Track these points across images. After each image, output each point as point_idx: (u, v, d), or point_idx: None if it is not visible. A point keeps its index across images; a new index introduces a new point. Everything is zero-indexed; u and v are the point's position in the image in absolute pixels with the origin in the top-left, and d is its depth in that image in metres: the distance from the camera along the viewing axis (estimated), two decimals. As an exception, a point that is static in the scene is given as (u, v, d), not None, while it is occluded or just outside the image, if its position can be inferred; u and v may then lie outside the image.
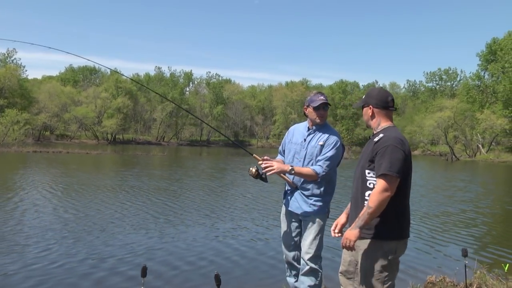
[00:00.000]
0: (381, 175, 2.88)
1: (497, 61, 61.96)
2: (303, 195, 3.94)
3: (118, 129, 73.17)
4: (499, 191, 20.94)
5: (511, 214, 13.65)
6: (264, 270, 6.50)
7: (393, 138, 2.96)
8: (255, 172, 4.01)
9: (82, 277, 5.79)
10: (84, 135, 74.66)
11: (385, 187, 2.85)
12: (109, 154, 39.34)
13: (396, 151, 2.90)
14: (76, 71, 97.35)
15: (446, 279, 5.31)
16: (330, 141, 3.89)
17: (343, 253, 3.30)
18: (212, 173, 24.06)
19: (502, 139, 62.72)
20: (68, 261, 6.45)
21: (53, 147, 42.12)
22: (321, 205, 3.91)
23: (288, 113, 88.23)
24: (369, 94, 3.23)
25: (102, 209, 10.83)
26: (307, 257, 3.84)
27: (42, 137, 66.72)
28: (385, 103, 3.14)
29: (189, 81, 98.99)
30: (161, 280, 5.81)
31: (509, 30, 63.09)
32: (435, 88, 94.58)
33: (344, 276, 3.25)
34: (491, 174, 33.24)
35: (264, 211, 11.45)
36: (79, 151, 38.90)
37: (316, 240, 3.86)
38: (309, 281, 3.86)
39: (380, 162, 2.91)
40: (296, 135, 4.14)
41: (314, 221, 3.90)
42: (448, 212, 12.64)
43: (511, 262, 7.06)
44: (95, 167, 25.12)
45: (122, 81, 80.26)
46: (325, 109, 3.97)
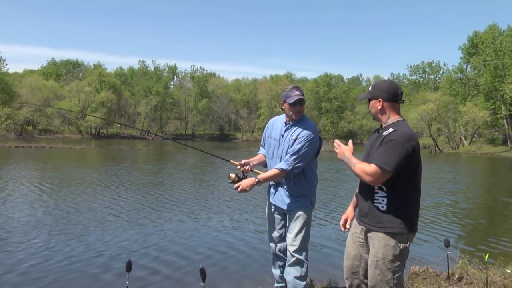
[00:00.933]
0: (377, 164, 2.91)
1: (479, 54, 62.56)
2: (285, 190, 3.94)
3: (102, 123, 72.43)
4: (481, 183, 21.25)
5: (492, 205, 13.88)
6: (249, 262, 6.53)
7: (400, 134, 2.95)
8: (235, 178, 3.98)
9: (66, 272, 5.76)
10: (68, 130, 73.79)
11: (373, 175, 2.91)
12: (93, 148, 38.99)
13: (399, 147, 2.90)
14: (58, 64, 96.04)
15: (429, 269, 5.38)
16: (302, 134, 3.83)
17: (347, 247, 3.33)
18: (197, 167, 24.00)
19: (484, 131, 63.60)
20: (52, 256, 6.41)
21: (36, 142, 41.59)
22: (304, 198, 3.91)
23: (273, 107, 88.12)
24: (378, 87, 3.19)
25: (86, 204, 10.76)
26: (293, 249, 3.86)
27: (25, 132, 65.90)
28: (395, 96, 3.13)
29: (174, 75, 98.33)
30: (146, 274, 5.80)
31: (490, 24, 63.76)
32: (418, 81, 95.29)
33: (349, 270, 3.28)
34: (474, 165, 33.70)
35: (250, 204, 11.47)
36: (62, 146, 38.47)
37: (301, 232, 3.87)
38: (295, 272, 3.88)
39: (381, 152, 2.95)
40: (274, 129, 4.11)
41: (298, 215, 3.90)
42: (431, 203, 12.79)
43: (491, 251, 7.21)
44: (79, 162, 24.88)
45: (105, 75, 79.47)
46: (302, 105, 3.91)
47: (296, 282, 3.87)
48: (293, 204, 3.91)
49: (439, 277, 5.14)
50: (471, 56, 65.40)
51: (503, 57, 57.19)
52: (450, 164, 34.30)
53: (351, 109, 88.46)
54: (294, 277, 3.87)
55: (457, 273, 5.14)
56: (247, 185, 3.83)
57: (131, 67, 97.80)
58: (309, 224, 3.97)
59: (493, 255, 6.86)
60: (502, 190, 17.96)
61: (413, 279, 5.16)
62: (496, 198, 15.43)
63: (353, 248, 3.27)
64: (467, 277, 5.03)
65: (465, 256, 6.00)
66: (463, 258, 5.84)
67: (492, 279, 4.85)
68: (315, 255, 6.64)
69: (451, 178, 21.94)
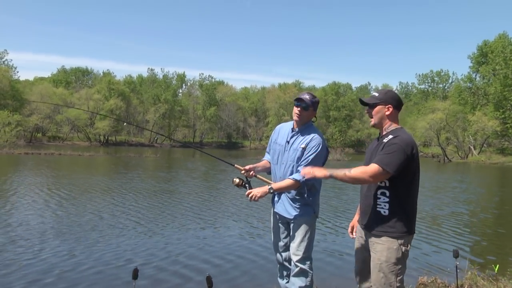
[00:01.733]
0: (377, 164, 3.00)
1: (488, 63, 62.41)
2: (288, 198, 3.92)
3: (111, 131, 72.81)
4: (491, 193, 21.06)
5: (502, 215, 13.74)
6: (256, 271, 6.50)
7: (401, 139, 3.06)
8: (238, 182, 3.99)
9: (74, 280, 5.76)
10: (77, 137, 74.13)
11: (373, 174, 3.00)
12: (102, 156, 39.15)
13: (399, 150, 3.00)
14: (68, 72, 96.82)
15: (438, 280, 5.33)
16: (312, 144, 3.80)
17: (355, 252, 3.43)
18: (205, 175, 24.02)
19: (493, 140, 63.23)
20: (61, 264, 6.42)
21: (45, 149, 41.86)
22: (306, 207, 3.88)
23: (281, 115, 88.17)
24: (388, 94, 3.28)
25: (95, 212, 10.78)
26: (296, 259, 3.83)
27: (34, 139, 66.36)
28: (401, 105, 3.29)
29: (182, 83, 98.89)
30: (153, 282, 5.79)
31: (500, 33, 63.60)
32: (427, 90, 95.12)
33: (359, 274, 3.37)
34: (483, 175, 33.44)
35: (256, 213, 11.44)
36: (71, 153, 38.67)
37: (304, 241, 3.83)
38: (299, 282, 3.84)
39: (382, 153, 3.05)
40: (280, 135, 4.08)
41: (301, 224, 3.87)
42: (440, 213, 12.69)
43: (501, 262, 7.12)
44: (88, 169, 24.99)
45: (114, 82, 79.98)
46: (297, 106, 3.88)
47: None
48: (295, 213, 3.88)
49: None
50: (481, 65, 65.22)
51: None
52: (459, 173, 34.05)
53: (360, 118, 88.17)
54: (299, 287, 3.84)
55: (466, 284, 5.08)
56: (259, 193, 3.80)
57: (140, 75, 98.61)
58: (313, 233, 3.93)
59: (503, 266, 6.77)
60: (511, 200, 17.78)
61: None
62: (506, 209, 15.28)
63: (360, 252, 3.37)
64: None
65: (475, 267, 5.93)
66: (472, 269, 5.76)
67: (502, 290, 4.79)
68: (321, 263, 6.60)
69: (461, 187, 21.76)
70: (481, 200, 16.99)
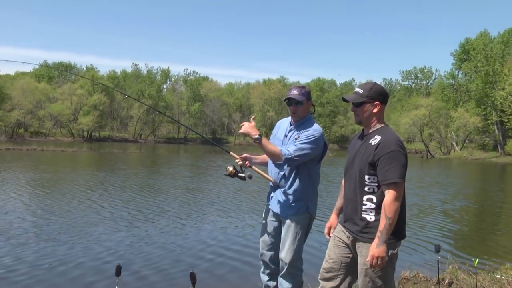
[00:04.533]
0: (391, 183, 2.82)
1: (470, 60, 63.10)
2: (282, 194, 3.81)
3: (94, 126, 72.13)
4: (472, 189, 21.37)
5: (483, 210, 13.95)
6: (240, 267, 6.51)
7: (394, 142, 2.90)
8: (232, 171, 3.89)
9: (56, 276, 5.72)
10: (60, 133, 73.27)
11: (397, 195, 2.82)
12: (85, 151, 38.80)
13: (400, 156, 2.86)
14: (50, 67, 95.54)
15: (420, 275, 5.39)
16: (306, 133, 3.71)
17: (328, 250, 3.27)
18: (189, 171, 23.95)
19: (475, 137, 64.11)
20: (43, 261, 6.37)
21: (27, 145, 41.34)
22: (300, 206, 3.76)
23: (265, 111, 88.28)
24: (374, 89, 3.05)
25: (78, 208, 10.69)
26: (286, 259, 3.74)
27: (16, 134, 65.36)
28: (387, 100, 3.10)
29: (167, 78, 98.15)
30: (136, 278, 5.77)
31: (481, 30, 64.36)
32: (410, 86, 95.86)
33: (326, 273, 3.22)
34: (465, 171, 33.89)
35: (241, 210, 11.46)
36: (54, 149, 38.21)
37: (295, 241, 3.74)
38: (286, 284, 3.78)
39: (387, 169, 2.84)
40: (280, 130, 4.02)
41: (292, 222, 3.76)
42: (422, 208, 12.84)
43: (481, 256, 7.24)
44: (71, 165, 24.72)
45: (98, 78, 79.23)
46: (290, 104, 3.81)
47: None
48: (289, 210, 3.77)
49: (429, 282, 5.14)
50: (463, 62, 65.94)
51: (494, 63, 57.74)
52: (441, 169, 34.46)
53: (344, 114, 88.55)
54: None
55: (447, 278, 5.15)
56: (248, 129, 3.66)
57: (124, 70, 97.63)
58: (304, 233, 3.82)
59: (483, 260, 6.90)
60: (493, 196, 18.07)
61: (404, 284, 5.17)
62: (486, 204, 15.52)
63: (334, 252, 3.22)
64: (457, 282, 5.05)
65: (456, 261, 6.02)
66: (453, 263, 5.85)
67: (482, 284, 4.87)
68: (312, 262, 6.64)
69: (443, 183, 22.04)
70: (463, 196, 17.22)
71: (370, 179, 2.96)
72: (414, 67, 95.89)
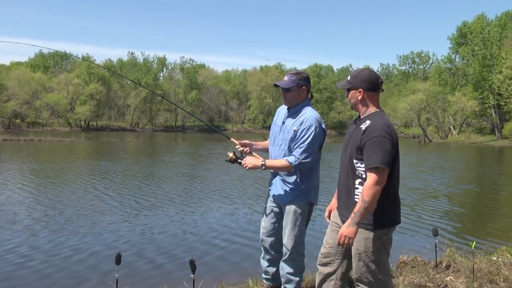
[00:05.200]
0: (372, 168, 2.82)
1: (467, 44, 62.97)
2: (282, 181, 3.83)
3: (92, 115, 71.98)
4: (470, 172, 21.44)
5: (480, 194, 14.03)
6: (239, 254, 6.54)
7: (381, 127, 2.87)
8: (232, 156, 3.89)
9: (58, 264, 5.76)
10: (57, 123, 73.04)
11: (377, 180, 2.81)
12: (83, 141, 38.72)
13: (385, 141, 2.83)
14: (46, 57, 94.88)
15: (418, 258, 5.43)
16: (304, 126, 3.67)
17: (326, 236, 3.29)
18: (191, 159, 23.96)
19: (472, 120, 64.22)
20: (42, 249, 6.40)
21: (24, 135, 41.23)
22: (299, 193, 3.77)
23: (263, 98, 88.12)
24: (359, 76, 3.05)
25: (77, 198, 10.71)
26: (287, 245, 3.78)
27: (13, 125, 65.23)
28: (376, 86, 3.04)
29: (163, 67, 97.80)
30: (136, 266, 5.80)
31: (478, 14, 64.12)
32: (408, 71, 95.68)
33: (324, 258, 3.25)
34: (462, 155, 33.99)
35: (241, 197, 11.50)
36: (51, 139, 38.16)
37: (295, 227, 3.76)
38: (288, 268, 3.82)
39: (370, 153, 2.85)
40: (279, 116, 4.00)
41: (292, 209, 3.78)
42: (420, 193, 12.90)
43: (478, 239, 7.31)
44: (71, 155, 24.71)
45: (94, 67, 78.92)
46: (284, 91, 3.80)
47: (290, 277, 3.82)
48: (287, 197, 3.80)
49: (427, 266, 5.19)
50: (460, 46, 65.84)
51: (491, 47, 57.66)
52: (439, 153, 34.55)
53: (341, 100, 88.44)
54: (287, 272, 3.82)
55: (445, 261, 5.19)
56: (251, 164, 3.75)
57: (120, 59, 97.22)
58: (304, 219, 3.83)
59: (480, 243, 6.95)
60: (490, 179, 18.15)
61: (402, 267, 5.21)
62: (483, 187, 15.60)
63: (331, 237, 3.24)
64: (455, 265, 5.09)
65: (453, 245, 6.06)
66: (450, 247, 5.89)
67: (479, 266, 4.91)
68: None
69: (441, 167, 22.11)
70: (460, 180, 17.29)
71: (358, 163, 2.98)
72: (411, 52, 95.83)
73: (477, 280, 4.59)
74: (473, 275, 4.68)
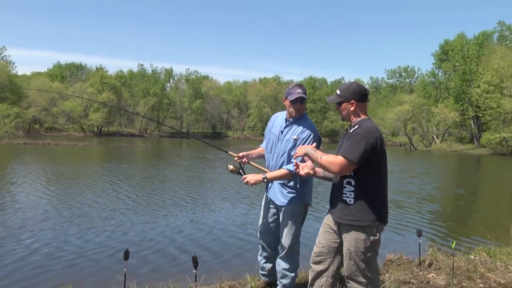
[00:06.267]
0: (343, 156, 2.81)
1: (449, 60, 63.26)
2: (279, 185, 3.81)
3: (104, 122, 71.97)
4: (451, 177, 21.46)
5: (460, 197, 14.01)
6: (239, 251, 6.52)
7: (364, 128, 2.89)
8: (233, 168, 3.91)
9: (69, 261, 5.74)
10: (72, 128, 73.12)
11: (341, 166, 2.81)
12: (95, 145, 38.71)
13: (363, 140, 2.83)
14: (63, 67, 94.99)
15: (403, 257, 5.42)
16: (303, 135, 3.68)
17: (319, 235, 3.27)
18: (192, 163, 23.93)
19: (454, 130, 64.46)
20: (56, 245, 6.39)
21: (43, 139, 41.27)
22: (294, 195, 3.75)
23: (261, 107, 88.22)
24: (349, 89, 3.06)
25: (90, 198, 10.69)
26: (285, 243, 3.77)
27: (32, 129, 65.20)
28: (365, 97, 3.07)
29: (170, 77, 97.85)
30: (143, 262, 5.78)
31: (459, 33, 64.45)
32: (395, 84, 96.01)
33: (317, 257, 3.23)
34: (445, 162, 34.00)
35: (243, 198, 11.47)
36: (67, 143, 38.15)
37: (292, 227, 3.74)
38: (284, 264, 3.81)
39: (347, 145, 2.87)
40: (275, 125, 3.95)
41: (288, 211, 3.76)
42: (406, 195, 12.89)
43: (458, 239, 7.31)
44: (82, 158, 24.69)
45: (106, 77, 79.01)
46: (302, 103, 3.78)
47: (285, 273, 3.80)
48: (283, 199, 3.77)
49: (412, 264, 5.18)
50: (442, 62, 66.14)
51: (470, 63, 57.99)
52: (423, 160, 34.56)
53: (334, 110, 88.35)
54: (283, 268, 3.80)
55: (428, 260, 5.19)
56: (253, 180, 3.72)
57: (130, 70, 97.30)
58: (300, 220, 3.82)
59: (459, 243, 6.96)
60: (469, 184, 18.15)
61: (388, 265, 5.20)
62: (464, 192, 15.59)
63: (323, 237, 3.21)
64: (436, 263, 5.09)
65: (435, 244, 6.07)
66: (433, 246, 5.90)
67: (458, 264, 4.91)
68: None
69: (425, 173, 22.11)
70: (443, 184, 17.30)
71: None
72: (399, 66, 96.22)
73: (457, 277, 4.59)
74: (453, 272, 4.69)
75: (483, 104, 50.76)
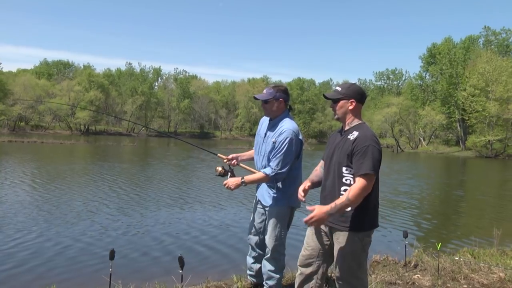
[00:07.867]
0: (363, 174, 2.80)
1: (436, 63, 63.87)
2: (266, 186, 3.81)
3: (91, 120, 71.33)
4: (437, 180, 21.64)
5: (446, 199, 14.16)
6: (226, 252, 6.50)
7: (370, 137, 2.88)
8: (221, 170, 3.87)
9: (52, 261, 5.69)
10: (58, 126, 72.27)
11: (366, 186, 2.80)
12: (82, 144, 38.34)
13: (375, 151, 2.84)
14: (50, 65, 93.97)
15: (389, 258, 5.46)
16: (281, 138, 3.62)
17: (307, 238, 3.25)
18: (179, 163, 23.83)
19: (440, 133, 65.05)
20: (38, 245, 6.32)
21: (28, 137, 40.71)
22: (279, 197, 3.74)
23: (250, 107, 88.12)
24: (351, 88, 3.06)
25: (75, 197, 10.60)
26: (269, 244, 3.76)
27: (17, 127, 64.30)
28: (364, 99, 3.10)
29: (158, 76, 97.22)
30: (129, 262, 5.75)
31: (446, 36, 65.18)
32: (383, 86, 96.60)
33: (305, 260, 3.21)
34: (431, 164, 34.31)
35: (231, 198, 11.45)
36: (53, 141, 37.70)
37: (276, 229, 3.74)
38: (269, 266, 3.81)
39: (361, 161, 2.83)
40: (262, 127, 3.95)
41: (273, 211, 3.76)
42: (392, 197, 12.98)
43: (443, 241, 7.36)
44: (69, 157, 24.45)
45: (94, 75, 78.31)
46: (266, 103, 3.74)
47: (271, 274, 3.80)
48: (269, 200, 3.77)
49: (397, 265, 5.21)
50: (430, 65, 66.71)
51: (457, 66, 58.64)
52: (410, 162, 34.84)
53: (322, 111, 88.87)
54: (269, 270, 3.80)
55: (413, 261, 5.23)
56: (232, 184, 3.70)
57: (118, 68, 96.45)
58: (285, 222, 3.80)
59: (444, 244, 7.02)
60: (454, 186, 18.34)
61: (374, 266, 5.23)
62: (449, 193, 15.76)
63: (312, 240, 3.20)
64: (422, 264, 5.13)
65: (421, 246, 6.11)
66: (419, 248, 5.95)
67: (443, 265, 4.96)
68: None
69: (411, 175, 22.29)
70: (428, 186, 17.45)
71: (348, 170, 2.94)
72: (387, 69, 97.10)
73: (441, 278, 4.63)
74: (438, 274, 4.72)
75: (469, 107, 51.31)
